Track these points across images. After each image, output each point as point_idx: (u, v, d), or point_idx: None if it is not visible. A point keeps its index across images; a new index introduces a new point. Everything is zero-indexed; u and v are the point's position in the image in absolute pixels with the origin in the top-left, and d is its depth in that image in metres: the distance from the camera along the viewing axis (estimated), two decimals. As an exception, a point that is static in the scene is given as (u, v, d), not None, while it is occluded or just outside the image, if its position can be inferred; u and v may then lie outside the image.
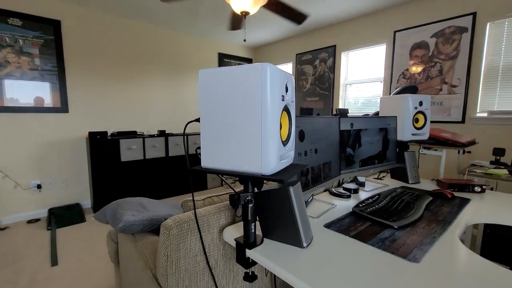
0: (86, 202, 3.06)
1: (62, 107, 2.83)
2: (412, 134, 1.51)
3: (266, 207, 0.78)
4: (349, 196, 1.21)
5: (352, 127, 1.28)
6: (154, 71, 3.49)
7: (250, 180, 0.72)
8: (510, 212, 1.02)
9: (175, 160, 3.38)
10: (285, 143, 0.70)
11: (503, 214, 0.99)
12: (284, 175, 0.66)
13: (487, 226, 2.05)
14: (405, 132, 1.51)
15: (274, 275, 1.11)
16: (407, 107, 1.50)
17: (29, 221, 2.63)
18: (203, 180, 3.70)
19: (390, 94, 2.93)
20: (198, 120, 0.73)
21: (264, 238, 0.79)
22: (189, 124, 4.00)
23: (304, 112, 3.93)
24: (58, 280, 1.72)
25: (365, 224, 0.90)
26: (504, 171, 1.54)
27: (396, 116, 1.48)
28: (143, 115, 3.47)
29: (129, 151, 2.97)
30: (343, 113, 1.27)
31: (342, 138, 1.24)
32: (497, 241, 1.98)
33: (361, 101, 3.33)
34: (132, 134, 3.10)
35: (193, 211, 0.84)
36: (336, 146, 1.20)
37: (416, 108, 1.50)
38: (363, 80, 3.27)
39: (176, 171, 3.41)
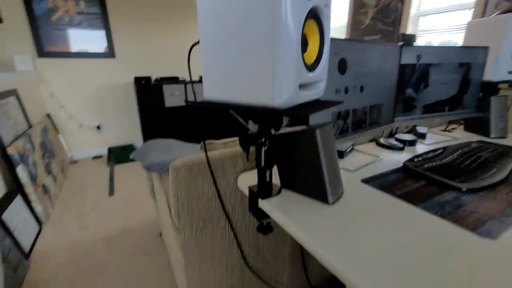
0: (139, 143, 3.35)
1: (109, 52, 2.91)
2: (509, 72, 1.11)
3: (286, 152, 0.63)
4: (402, 149, 0.98)
5: (418, 60, 0.97)
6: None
7: (258, 115, 0.56)
8: None
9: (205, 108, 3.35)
10: (311, 67, 0.51)
11: None
12: (304, 110, 0.48)
13: None
14: (498, 69, 1.11)
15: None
16: (510, 33, 1.07)
17: (94, 158, 3.01)
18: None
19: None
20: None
21: (282, 189, 0.67)
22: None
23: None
24: (114, 208, 1.96)
25: (418, 183, 0.69)
26: None
27: (487, 47, 1.08)
28: (185, 60, 3.41)
29: (172, 97, 3.01)
30: (408, 40, 0.95)
31: (402, 75, 0.95)
32: None
33: (437, 39, 2.65)
34: (174, 80, 3.11)
35: (205, 153, 0.74)
36: (391, 85, 0.93)
37: (521, 34, 1.06)
38: (443, 9, 2.54)
39: (217, 118, 3.41)
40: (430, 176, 0.70)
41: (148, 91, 2.86)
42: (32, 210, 1.68)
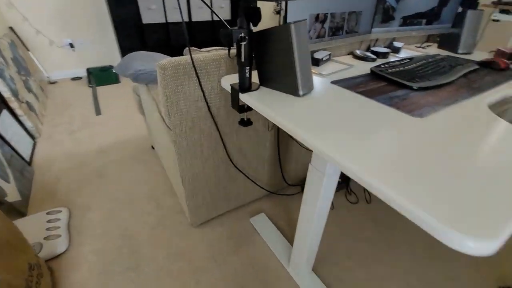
0: (119, 65, 3.20)
1: (69, -50, 2.48)
2: (490, -16, 1.11)
3: (264, 50, 0.69)
4: (374, 60, 1.05)
5: (404, -35, 0.95)
6: None
7: (244, 8, 0.60)
8: None
9: (199, 26, 3.13)
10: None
11: (562, 88, 0.81)
12: None
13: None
14: (481, -20, 1.10)
15: (278, 130, 1.16)
16: None
17: (73, 79, 2.90)
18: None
19: None
20: None
21: (260, 86, 0.75)
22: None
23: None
24: (104, 126, 2.04)
25: (380, 83, 0.79)
26: None
27: (477, -47, 1.05)
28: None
29: (150, 12, 2.75)
30: None
31: (386, -19, 0.94)
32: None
33: None
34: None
35: (189, 55, 0.79)
36: (373, -9, 0.93)
37: None
38: None
39: (201, 40, 3.22)
40: (390, 78, 0.80)
41: (121, 4, 2.59)
42: (22, 125, 1.73)
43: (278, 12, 4.05)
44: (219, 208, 1.24)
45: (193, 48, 0.91)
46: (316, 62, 0.95)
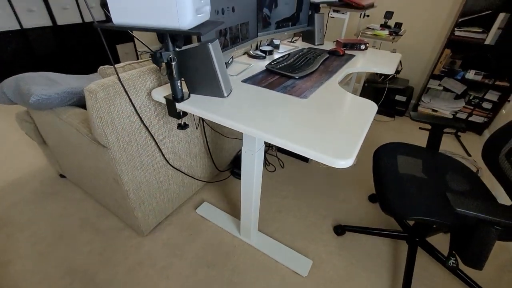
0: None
1: None
2: (324, -5, 1.59)
3: (189, 65, 0.85)
4: (264, 57, 1.35)
5: (269, -15, 1.26)
6: None
7: (169, 35, 0.74)
8: (376, 63, 1.36)
9: (67, 30, 2.74)
10: (200, -4, 0.70)
11: (371, 65, 1.33)
12: (202, 29, 0.70)
13: (366, 81, 2.65)
14: (318, -8, 1.56)
15: (204, 127, 1.33)
16: (323, -37, 1.49)
17: None
18: (114, 55, 3.24)
19: None
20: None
21: (190, 94, 0.91)
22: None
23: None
24: (-25, 169, 1.63)
25: (275, 77, 1.09)
26: (385, 32, 1.88)
27: (312, -26, 1.48)
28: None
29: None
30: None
31: (260, -3, 1.23)
32: (370, 91, 2.64)
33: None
34: (-14, -8, 2.21)
35: (116, 75, 0.85)
36: (253, 5, 1.20)
37: (330, -36, 1.50)
38: None
39: (73, 46, 2.83)
40: (280, 72, 1.11)
41: None
42: None
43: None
44: (165, 210, 1.33)
45: (104, 67, 0.95)
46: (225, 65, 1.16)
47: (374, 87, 2.60)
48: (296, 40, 1.76)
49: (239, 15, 1.10)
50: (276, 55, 1.43)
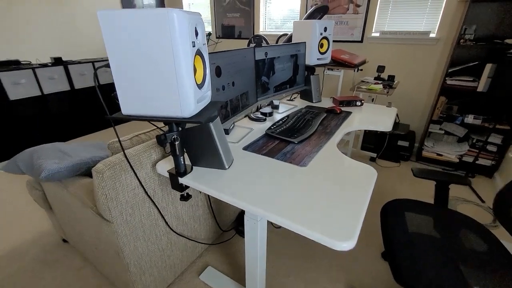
0: (-22, 152, 2.58)
1: None
2: (318, 59, 1.72)
3: (191, 141, 0.90)
4: (264, 120, 1.42)
5: (266, 56, 1.38)
6: (18, -28, 2.56)
7: (173, 122, 0.80)
8: (372, 121, 1.41)
9: (84, 93, 2.97)
10: (201, 86, 0.77)
11: (368, 124, 1.37)
12: (202, 115, 0.76)
13: (367, 128, 2.71)
14: (312, 57, 1.70)
15: (207, 191, 1.34)
16: (315, 32, 1.64)
17: None
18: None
19: (306, 12, 3.00)
20: (108, 65, 0.71)
21: (193, 167, 0.94)
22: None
23: (225, 30, 3.72)
24: (-20, 236, 1.63)
25: (275, 142, 1.13)
26: (379, 86, 1.98)
27: (305, 42, 1.63)
28: (25, 37, 2.71)
29: (19, 87, 2.44)
30: (258, 42, 1.33)
31: (258, 68, 1.34)
32: (371, 137, 2.68)
33: (281, 18, 3.32)
34: (15, 65, 2.48)
35: (123, 153, 0.89)
36: (252, 76, 1.31)
37: (321, 34, 1.66)
38: (282, -5, 3.17)
39: (87, 107, 3.04)
40: (280, 137, 1.15)
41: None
42: None
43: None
44: (167, 279, 1.27)
45: (113, 141, 1.01)
46: (226, 132, 1.22)
47: (375, 133, 2.64)
48: (294, 98, 1.86)
49: (239, 87, 1.19)
50: (276, 116, 1.50)
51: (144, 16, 0.61)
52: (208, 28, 3.90)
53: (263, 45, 1.38)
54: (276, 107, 1.63)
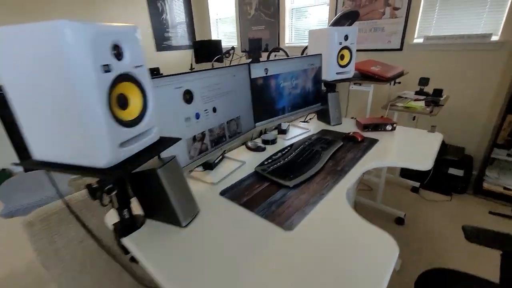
0: None
1: None
2: (337, 73, 1.43)
3: (140, 188, 0.70)
4: (264, 149, 1.17)
5: (267, 73, 1.15)
6: None
7: (89, 175, 0.60)
8: (405, 154, 1.06)
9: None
10: (135, 121, 0.57)
11: (397, 159, 1.03)
12: (138, 161, 0.55)
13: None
14: (330, 71, 1.41)
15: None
16: (333, 42, 1.37)
17: None
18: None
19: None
20: None
21: (146, 219, 0.74)
22: None
23: (252, 44, 3.59)
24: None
25: (264, 185, 0.88)
26: (421, 104, 1.59)
27: (320, 54, 1.36)
28: None
29: None
30: (255, 57, 1.11)
31: (255, 87, 1.11)
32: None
33: (308, 29, 3.07)
34: None
35: (63, 200, 0.73)
36: (246, 97, 1.08)
37: (341, 43, 1.37)
38: (310, 3, 2.93)
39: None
40: (271, 178, 0.89)
41: None
42: None
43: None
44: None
45: (73, 177, 0.86)
46: (210, 166, 1.01)
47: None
48: (310, 119, 1.58)
49: (225, 112, 0.98)
50: (280, 144, 1.24)
51: (29, 32, 0.44)
52: (234, 42, 3.82)
53: (275, 57, 1.15)
54: (283, 132, 1.37)
